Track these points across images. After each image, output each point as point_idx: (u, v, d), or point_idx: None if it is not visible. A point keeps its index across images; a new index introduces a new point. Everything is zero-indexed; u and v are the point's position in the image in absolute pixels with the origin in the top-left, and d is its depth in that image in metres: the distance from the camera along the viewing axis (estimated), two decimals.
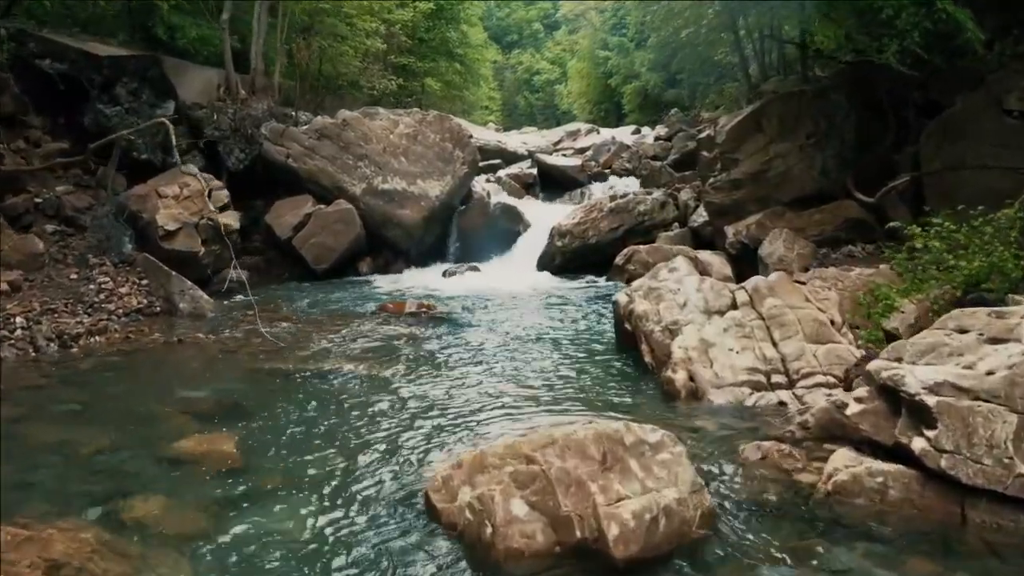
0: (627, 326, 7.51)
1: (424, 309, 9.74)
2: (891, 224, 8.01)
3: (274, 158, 13.62)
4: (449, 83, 31.50)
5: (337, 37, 20.96)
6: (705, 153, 12.38)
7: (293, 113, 15.55)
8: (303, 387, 6.93)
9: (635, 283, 8.13)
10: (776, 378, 6.27)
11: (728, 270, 8.03)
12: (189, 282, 10.49)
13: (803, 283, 8.34)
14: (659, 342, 6.88)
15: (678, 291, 7.33)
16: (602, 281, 12.69)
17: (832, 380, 6.23)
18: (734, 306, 6.96)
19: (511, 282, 12.27)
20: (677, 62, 34.34)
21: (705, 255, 8.30)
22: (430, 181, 13.96)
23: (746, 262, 11.18)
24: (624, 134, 26.04)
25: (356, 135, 13.89)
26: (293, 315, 10.13)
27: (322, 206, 13.31)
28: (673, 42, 27.14)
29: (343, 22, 20.95)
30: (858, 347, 6.68)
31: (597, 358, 7.63)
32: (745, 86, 19.04)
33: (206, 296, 10.44)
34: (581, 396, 6.36)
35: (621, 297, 7.94)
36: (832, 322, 6.74)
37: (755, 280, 7.03)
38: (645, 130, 27.13)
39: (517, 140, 25.06)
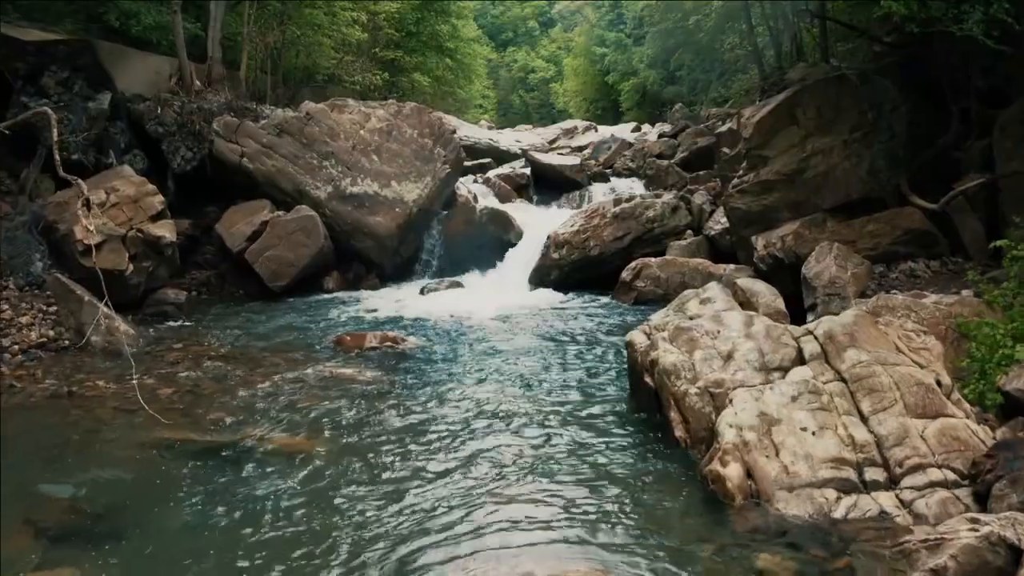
0: (647, 380, 5.49)
1: (389, 343, 7.72)
2: (998, 243, 5.99)
3: (226, 158, 11.57)
4: (439, 79, 29.57)
5: (313, 26, 19.00)
6: (726, 150, 10.38)
7: (255, 106, 13.50)
8: (206, 474, 4.91)
9: (656, 318, 6.11)
10: (871, 473, 4.26)
11: (780, 303, 6.01)
12: (105, 309, 8.44)
13: (868, 312, 6.38)
14: (696, 411, 4.86)
15: (718, 335, 5.31)
16: (606, 299, 10.65)
17: (951, 476, 4.22)
18: (800, 360, 4.95)
19: (499, 302, 10.24)
20: (677, 57, 32.56)
21: (747, 282, 6.25)
22: (406, 183, 11.89)
23: (778, 280, 9.16)
24: (624, 131, 24.03)
25: (321, 130, 11.83)
26: (229, 349, 8.08)
27: (281, 213, 11.26)
28: (680, 28, 25.20)
29: (320, 9, 18.99)
30: (978, 421, 4.68)
31: (607, 425, 5.58)
32: (759, 76, 17.08)
33: (125, 326, 8.39)
34: (587, 500, 4.33)
35: (637, 337, 5.92)
36: (939, 383, 4.74)
37: (828, 324, 5.00)
38: (646, 127, 25.13)
39: (510, 137, 23.01)
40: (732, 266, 9.83)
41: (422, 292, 10.95)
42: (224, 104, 12.90)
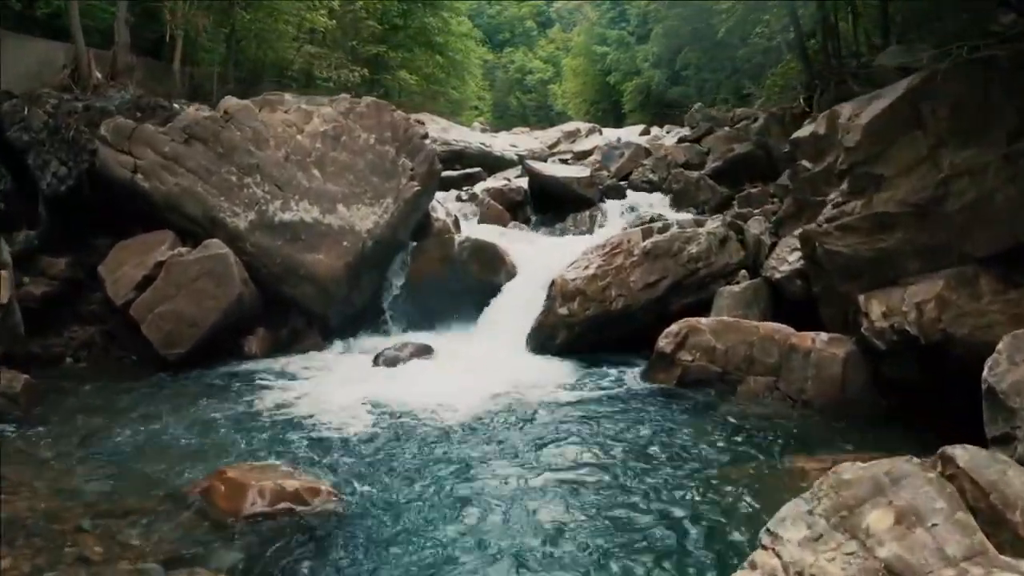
0: None
1: (288, 504, 4.38)
2: None
3: (114, 173, 8.22)
4: (429, 77, 26.35)
5: (272, 11, 15.71)
6: (806, 163, 7.07)
7: (173, 105, 10.17)
8: None
9: (792, 539, 2.78)
10: None
11: None
12: None
13: None
14: None
15: None
16: (635, 377, 7.32)
17: None
18: None
19: (484, 378, 6.93)
20: (683, 56, 29.42)
21: (985, 465, 2.78)
22: (359, 207, 8.54)
23: (902, 365, 5.90)
24: (632, 134, 20.64)
25: (244, 135, 8.46)
26: (35, 500, 4.69)
27: (184, 249, 7.94)
28: (694, 19, 22.00)
29: None
30: None
31: None
32: (802, 68, 13.82)
33: None
34: None
35: None
36: None
37: None
38: (655, 130, 21.71)
39: (505, 141, 19.62)
40: (824, 336, 6.48)
41: (376, 362, 7.60)
42: (128, 102, 9.58)
